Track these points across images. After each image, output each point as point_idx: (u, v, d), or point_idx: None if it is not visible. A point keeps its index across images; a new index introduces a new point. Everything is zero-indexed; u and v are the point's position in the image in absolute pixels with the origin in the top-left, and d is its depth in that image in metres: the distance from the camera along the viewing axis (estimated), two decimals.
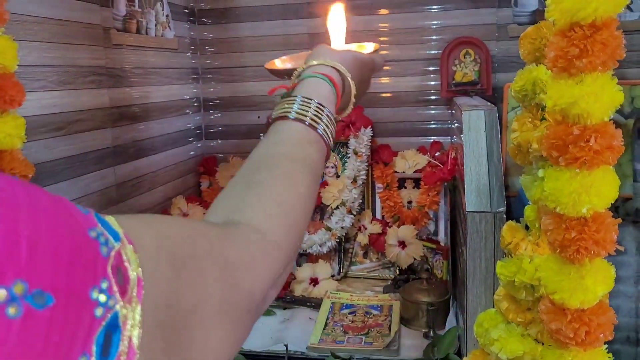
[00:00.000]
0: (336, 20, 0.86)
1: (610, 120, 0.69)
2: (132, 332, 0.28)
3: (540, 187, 0.77)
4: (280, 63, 0.92)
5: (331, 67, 0.68)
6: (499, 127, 1.00)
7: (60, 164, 1.12)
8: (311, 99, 0.62)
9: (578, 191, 0.68)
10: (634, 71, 1.51)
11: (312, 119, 0.60)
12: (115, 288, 0.28)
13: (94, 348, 0.26)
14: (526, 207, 0.88)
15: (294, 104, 0.61)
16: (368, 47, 0.85)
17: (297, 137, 0.59)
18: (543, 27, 0.78)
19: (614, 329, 0.73)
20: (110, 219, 0.30)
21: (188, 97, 1.75)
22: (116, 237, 0.29)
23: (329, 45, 0.86)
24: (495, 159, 0.95)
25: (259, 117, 1.80)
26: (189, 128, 1.75)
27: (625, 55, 0.66)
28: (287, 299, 1.50)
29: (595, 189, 0.69)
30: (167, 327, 0.33)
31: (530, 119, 0.80)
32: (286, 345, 1.21)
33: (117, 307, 0.28)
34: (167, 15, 1.57)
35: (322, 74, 0.66)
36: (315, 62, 0.68)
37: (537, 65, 0.79)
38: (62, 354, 0.24)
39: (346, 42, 0.87)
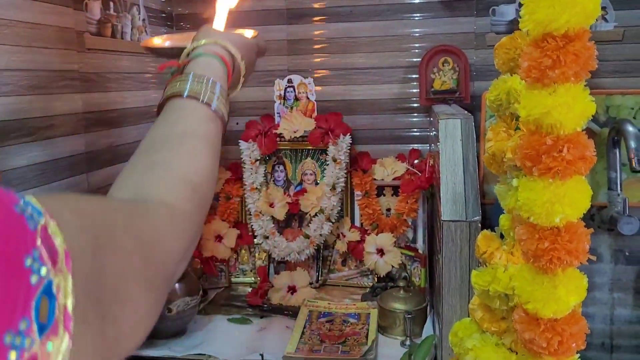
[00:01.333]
0: (224, 5, 0.85)
1: (584, 129, 0.70)
2: (65, 300, 0.30)
3: (515, 197, 0.77)
4: (160, 41, 0.91)
5: (222, 46, 0.70)
6: (475, 136, 1.00)
7: (31, 170, 1.09)
8: (203, 77, 0.63)
9: (551, 201, 0.68)
10: (609, 80, 1.52)
11: (205, 96, 0.62)
12: (46, 258, 0.29)
13: (32, 313, 0.27)
14: (501, 216, 0.88)
15: (187, 82, 0.62)
16: (247, 34, 0.87)
17: (194, 115, 0.61)
18: (517, 37, 0.79)
19: (589, 335, 0.73)
20: (31, 198, 0.31)
21: None
22: (39, 214, 0.30)
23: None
24: (471, 168, 0.95)
25: (237, 124, 1.78)
26: None
27: (600, 65, 0.66)
28: (264, 308, 1.49)
29: (568, 199, 0.69)
30: (98, 298, 0.34)
31: (504, 129, 0.80)
32: (262, 355, 1.19)
33: (51, 275, 0.29)
34: (143, 20, 1.55)
35: (213, 53, 0.68)
36: (204, 41, 0.70)
37: (511, 75, 0.79)
38: (5, 319, 0.26)
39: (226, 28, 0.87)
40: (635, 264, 1.59)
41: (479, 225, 0.92)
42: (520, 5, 0.68)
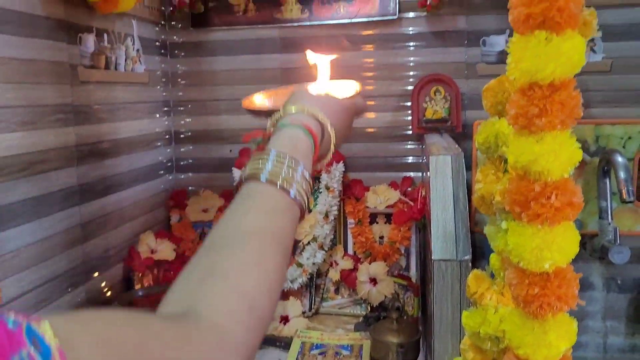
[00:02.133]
0: (321, 59, 0.84)
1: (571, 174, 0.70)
2: None
3: (504, 239, 0.78)
4: (259, 100, 0.89)
5: (310, 114, 0.66)
6: (464, 172, 1.01)
7: (24, 206, 1.09)
8: (286, 156, 0.59)
9: (540, 247, 0.69)
10: (599, 110, 1.54)
11: (285, 181, 0.57)
12: None
13: None
14: (491, 256, 0.89)
15: (267, 161, 0.58)
16: (348, 87, 0.83)
17: (268, 204, 0.56)
18: (504, 81, 0.80)
19: None
20: (45, 329, 0.29)
21: (159, 130, 1.73)
22: (47, 354, 0.28)
23: (311, 82, 0.85)
24: (461, 206, 0.96)
25: (230, 151, 1.79)
26: (160, 161, 1.74)
27: (590, 95, 0.67)
28: None
29: (557, 245, 0.70)
30: None
31: (493, 171, 0.81)
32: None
33: None
34: (137, 50, 1.56)
35: (300, 124, 0.64)
36: (293, 109, 0.66)
37: (499, 118, 0.80)
38: None
39: (330, 78, 0.86)
40: (627, 292, 1.60)
41: (470, 264, 0.92)
42: (510, 35, 0.69)
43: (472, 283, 0.87)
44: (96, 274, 1.35)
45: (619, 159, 1.40)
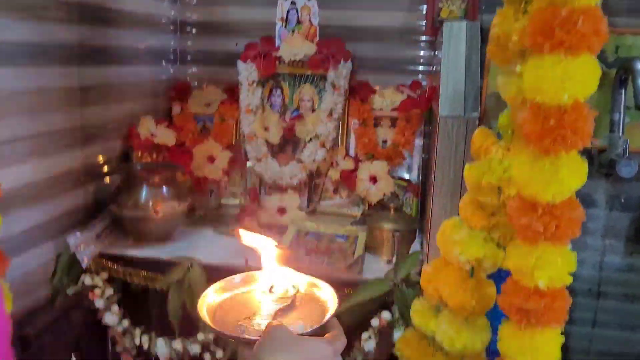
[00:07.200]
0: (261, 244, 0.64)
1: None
2: None
3: (517, 84, 0.74)
4: (212, 298, 0.62)
5: None
6: (479, 40, 0.96)
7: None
8: None
9: (561, 78, 0.66)
10: (621, 20, 1.48)
11: None
12: None
13: None
14: (500, 115, 0.85)
15: None
16: (324, 289, 0.63)
17: None
18: None
19: (576, 280, 0.71)
20: None
21: (164, 14, 1.67)
22: None
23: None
24: (473, 66, 0.92)
25: (236, 44, 1.73)
26: (164, 48, 1.69)
27: (612, 1, 0.63)
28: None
29: (579, 76, 0.66)
30: None
31: (512, 12, 0.76)
32: (246, 259, 1.17)
33: None
34: None
35: None
36: None
37: None
38: None
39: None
40: (630, 211, 1.57)
41: (477, 122, 0.89)
42: None
43: (477, 138, 0.83)
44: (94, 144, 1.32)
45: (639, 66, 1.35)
